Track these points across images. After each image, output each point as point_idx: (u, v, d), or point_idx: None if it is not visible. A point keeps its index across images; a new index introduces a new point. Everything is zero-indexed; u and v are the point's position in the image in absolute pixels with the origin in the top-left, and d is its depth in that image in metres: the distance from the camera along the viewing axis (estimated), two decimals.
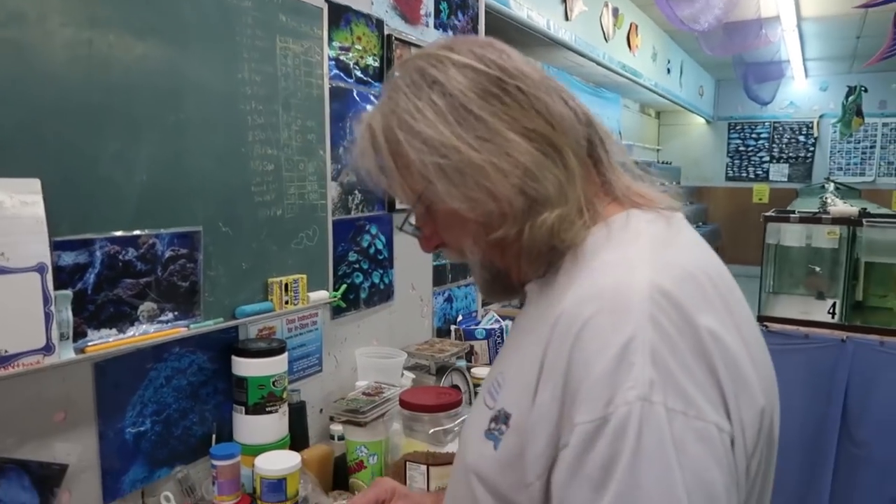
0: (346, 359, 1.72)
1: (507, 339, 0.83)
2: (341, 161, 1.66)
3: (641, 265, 0.61)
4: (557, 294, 0.66)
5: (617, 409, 0.54)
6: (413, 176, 0.70)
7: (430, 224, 0.76)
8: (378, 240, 1.81)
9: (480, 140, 0.66)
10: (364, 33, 1.72)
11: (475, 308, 2.34)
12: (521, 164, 0.66)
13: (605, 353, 0.56)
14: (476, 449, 0.68)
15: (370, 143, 0.72)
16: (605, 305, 0.58)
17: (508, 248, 0.71)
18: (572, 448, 0.56)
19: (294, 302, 1.49)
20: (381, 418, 1.43)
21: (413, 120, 0.68)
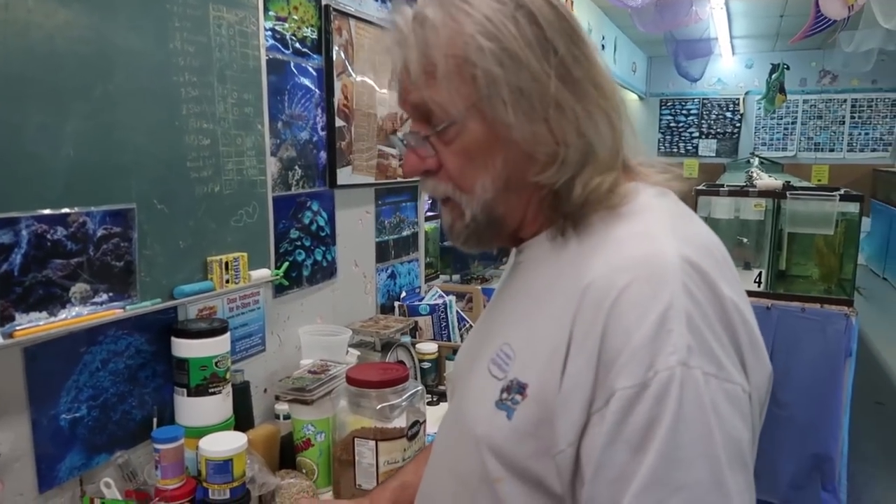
0: (290, 337, 1.69)
1: (503, 306, 0.78)
2: (280, 135, 1.61)
3: (666, 237, 0.63)
4: (577, 262, 0.65)
5: (658, 374, 0.56)
6: (469, 87, 0.66)
7: (440, 144, 0.70)
8: (320, 216, 1.78)
9: (560, 79, 0.65)
10: (301, 3, 1.67)
11: (419, 284, 2.34)
12: (591, 116, 0.66)
13: (644, 321, 0.57)
14: (486, 419, 0.67)
15: (422, 36, 0.67)
16: (640, 275, 0.59)
17: (530, 196, 0.71)
18: (612, 412, 0.57)
19: (235, 281, 1.45)
20: (328, 396, 1.42)
21: (499, 32, 0.65)
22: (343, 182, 1.84)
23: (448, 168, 0.71)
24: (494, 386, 0.67)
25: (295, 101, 1.67)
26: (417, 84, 0.68)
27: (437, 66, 0.66)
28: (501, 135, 0.67)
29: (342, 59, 1.82)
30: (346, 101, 1.84)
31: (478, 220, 0.71)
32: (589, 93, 0.67)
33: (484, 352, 0.73)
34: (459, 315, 2.11)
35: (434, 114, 0.68)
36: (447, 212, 0.75)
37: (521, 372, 0.66)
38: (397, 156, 2.11)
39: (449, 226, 0.75)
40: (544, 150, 0.67)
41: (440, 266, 4.28)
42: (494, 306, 0.82)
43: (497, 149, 0.68)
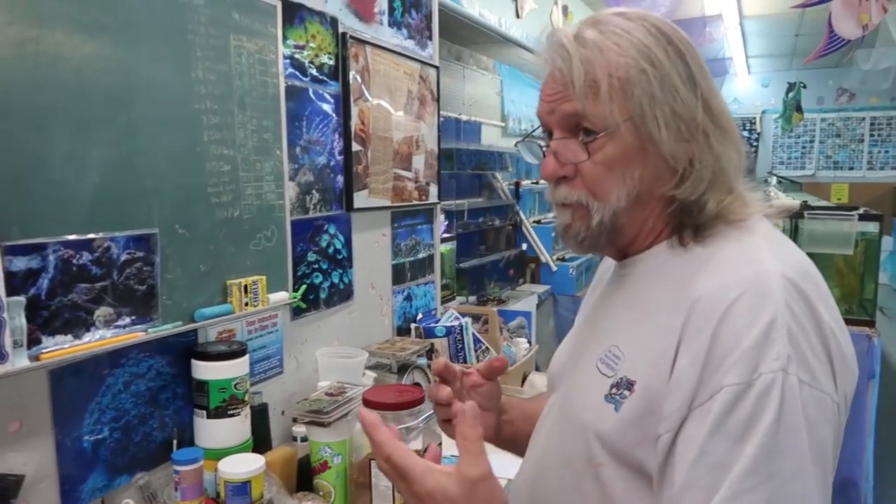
0: (308, 359, 1.71)
1: (610, 313, 0.85)
2: (298, 160, 1.65)
3: (770, 259, 0.71)
4: (685, 277, 0.74)
5: (762, 376, 0.63)
6: (628, 103, 0.74)
7: (582, 155, 0.77)
8: (337, 239, 1.80)
9: (703, 108, 0.76)
10: (318, 31, 1.71)
11: (435, 306, 2.35)
12: (723, 142, 0.77)
13: (752, 329, 0.65)
14: (595, 410, 0.75)
15: (585, 55, 0.75)
16: (749, 290, 0.67)
17: (653, 210, 0.79)
18: (719, 404, 0.64)
19: (254, 303, 1.48)
20: (345, 418, 1.43)
21: (657, 60, 0.75)
22: (359, 205, 1.87)
23: (587, 175, 0.78)
24: (604, 382, 0.76)
25: (313, 127, 1.70)
26: (579, 96, 0.75)
27: (600, 83, 0.74)
28: (645, 150, 0.76)
29: (359, 84, 1.85)
30: (363, 126, 1.88)
31: (602, 226, 0.79)
32: (721, 122, 0.77)
33: (591, 352, 0.81)
34: (475, 337, 2.12)
35: (588, 124, 0.76)
36: (569, 214, 0.81)
37: (629, 371, 0.74)
38: (412, 178, 2.14)
39: (566, 226, 0.82)
40: (681, 167, 0.76)
41: (456, 288, 4.30)
42: (598, 313, 0.90)
43: (637, 163, 0.76)
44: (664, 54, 0.75)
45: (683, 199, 0.77)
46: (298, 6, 1.63)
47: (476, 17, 3.85)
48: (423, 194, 2.22)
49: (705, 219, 0.77)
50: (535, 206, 5.65)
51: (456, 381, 0.94)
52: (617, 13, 0.80)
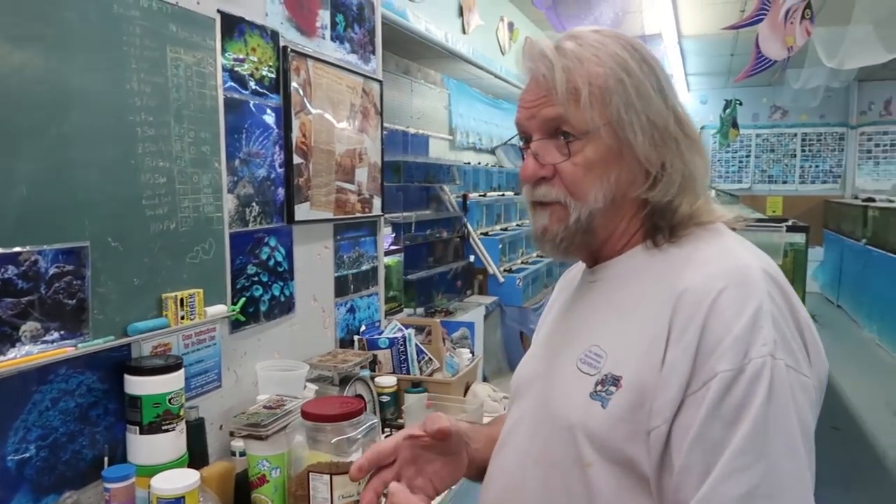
0: (247, 373, 1.69)
1: (584, 317, 0.87)
2: (238, 172, 1.64)
3: (746, 254, 0.77)
4: (668, 274, 0.78)
5: (752, 361, 0.67)
6: (606, 109, 0.80)
7: (561, 156, 0.81)
8: (277, 252, 1.80)
9: (675, 119, 0.82)
10: (259, 44, 1.71)
11: (378, 318, 2.36)
12: (691, 149, 0.83)
13: (741, 317, 0.69)
14: (581, 409, 0.77)
15: (566, 64, 0.80)
16: (733, 281, 0.72)
17: (627, 212, 0.84)
18: (713, 391, 0.67)
19: (190, 317, 1.46)
20: (283, 431, 1.43)
21: (633, 71, 0.81)
22: (301, 218, 1.87)
23: (565, 176, 0.82)
24: (587, 381, 0.78)
25: (253, 140, 1.70)
26: (561, 101, 0.80)
27: (580, 90, 0.79)
28: (621, 154, 0.81)
29: (300, 97, 1.86)
30: (304, 139, 1.88)
31: (579, 225, 0.82)
32: (688, 131, 0.84)
33: (566, 355, 0.84)
34: (418, 348, 2.13)
35: (568, 127, 0.81)
36: (546, 216, 0.84)
37: (613, 367, 0.76)
38: (355, 190, 2.15)
39: (543, 229, 0.85)
40: (654, 171, 0.81)
41: (404, 300, 4.31)
42: (569, 319, 0.92)
43: (614, 165, 0.81)
44: (637, 66, 0.81)
45: (657, 202, 0.82)
46: (238, 19, 1.63)
47: (422, 31, 3.89)
48: (367, 207, 2.23)
49: (679, 220, 0.81)
50: (482, 219, 5.71)
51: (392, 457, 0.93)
52: (592, 30, 0.85)
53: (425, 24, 3.92)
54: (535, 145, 0.83)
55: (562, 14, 3.86)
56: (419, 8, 3.80)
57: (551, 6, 3.76)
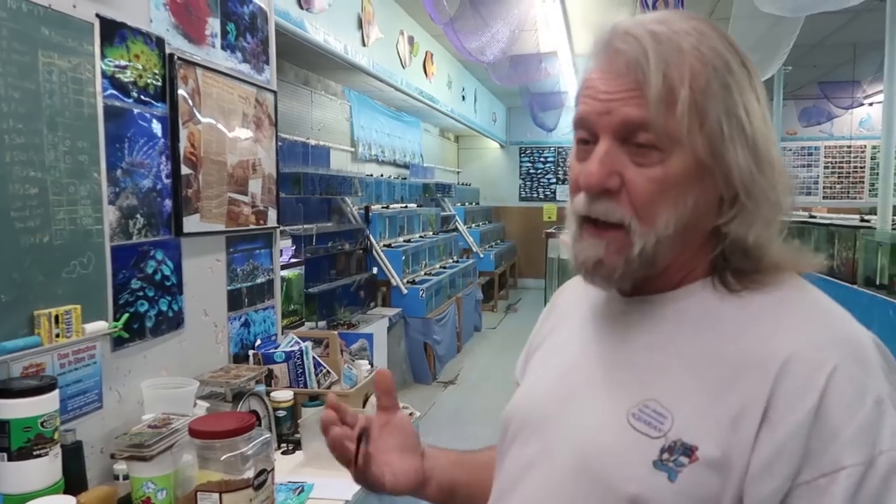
0: (131, 392, 1.62)
1: (628, 357, 0.72)
2: (120, 183, 1.57)
3: (849, 318, 0.66)
4: (754, 329, 0.65)
5: (885, 453, 0.58)
6: (702, 118, 0.65)
7: (637, 165, 0.66)
8: (165, 265, 1.74)
9: (773, 140, 0.68)
10: (142, 51, 1.65)
11: (275, 332, 2.31)
12: (783, 179, 0.69)
13: (863, 403, 0.60)
14: (642, 479, 0.63)
15: (664, 56, 0.64)
16: (849, 356, 0.62)
17: (695, 243, 0.70)
18: (842, 487, 0.58)
19: (66, 335, 1.38)
20: (170, 450, 1.38)
21: (739, 77, 0.66)
22: (190, 230, 1.81)
23: (636, 192, 0.66)
24: (648, 444, 0.64)
25: (136, 149, 1.63)
26: (652, 103, 0.64)
27: (677, 91, 0.64)
28: (708, 173, 0.66)
29: (189, 106, 1.81)
30: (193, 149, 1.83)
31: (643, 258, 0.67)
32: (780, 159, 0.69)
33: (608, 402, 0.69)
34: (316, 361, 2.11)
35: (651, 137, 0.65)
36: (602, 245, 0.68)
37: (683, 433, 0.63)
38: (249, 202, 2.11)
39: (597, 262, 0.69)
40: (741, 199, 0.67)
41: (305, 313, 4.24)
42: (602, 355, 0.75)
43: (695, 187, 0.66)
44: (741, 71, 0.67)
45: (736, 237, 0.68)
46: (119, 25, 1.57)
47: (321, 42, 3.87)
48: (262, 218, 2.19)
49: (765, 265, 0.68)
50: (385, 231, 5.73)
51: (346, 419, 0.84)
52: (681, 15, 0.69)
53: (324, 35, 3.91)
54: (605, 147, 0.67)
55: (459, 30, 3.95)
56: (318, 19, 3.79)
57: (448, 22, 3.84)
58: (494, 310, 8.63)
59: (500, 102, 10.27)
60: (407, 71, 5.56)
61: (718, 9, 5.97)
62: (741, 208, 0.67)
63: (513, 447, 0.77)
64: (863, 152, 10.95)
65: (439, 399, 5.15)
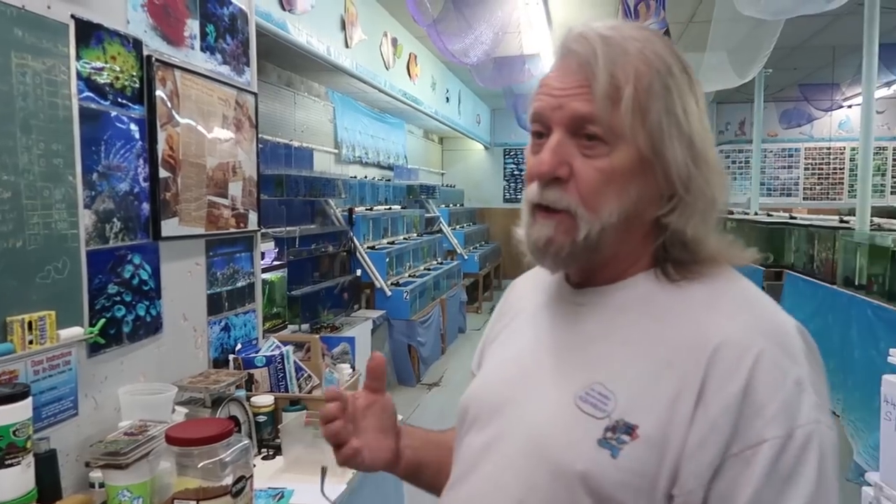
0: (108, 399, 1.60)
1: (578, 344, 0.77)
2: (96, 187, 1.55)
3: (774, 306, 0.73)
4: (691, 317, 0.71)
5: (801, 427, 0.65)
6: (645, 115, 0.70)
7: (585, 157, 0.72)
8: (143, 270, 1.71)
9: (710, 140, 0.74)
10: (119, 53, 1.63)
11: (256, 336, 2.29)
12: (719, 177, 0.74)
13: (785, 382, 0.66)
14: (587, 456, 0.68)
15: (611, 56, 0.70)
16: (774, 341, 0.68)
17: (639, 234, 0.75)
18: (764, 457, 0.64)
19: (40, 341, 1.36)
20: (146, 458, 1.36)
21: (679, 81, 0.72)
22: (169, 234, 1.79)
23: (583, 181, 0.72)
24: (593, 424, 0.69)
25: (113, 152, 1.61)
26: (599, 98, 0.70)
27: (622, 89, 0.70)
28: (650, 168, 0.72)
29: (167, 109, 1.79)
30: (172, 152, 1.81)
31: (588, 241, 0.73)
32: (716, 157, 0.75)
33: (558, 387, 0.74)
34: (297, 365, 2.09)
35: (597, 129, 0.70)
36: (552, 226, 0.74)
37: (625, 413, 0.68)
38: (229, 205, 2.09)
39: (547, 240, 0.74)
40: (680, 193, 0.73)
41: (289, 316, 4.21)
42: (553, 343, 0.80)
43: (638, 180, 0.72)
44: (682, 75, 0.73)
45: (676, 229, 0.73)
46: (96, 26, 1.55)
47: (304, 44, 3.85)
48: (242, 222, 2.17)
49: (702, 256, 0.74)
50: (369, 233, 5.71)
51: (347, 408, 0.87)
52: (634, 24, 0.77)
53: (307, 36, 3.89)
54: (557, 137, 0.72)
55: (442, 32, 3.95)
56: (300, 20, 3.77)
57: (432, 24, 3.83)
58: (479, 311, 8.64)
59: (484, 104, 10.28)
60: (390, 72, 5.55)
61: (700, 11, 6.02)
62: (680, 201, 0.73)
63: (470, 433, 0.82)
64: (842, 154, 11.09)
65: (423, 401, 5.14)
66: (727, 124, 11.25)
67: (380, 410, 0.90)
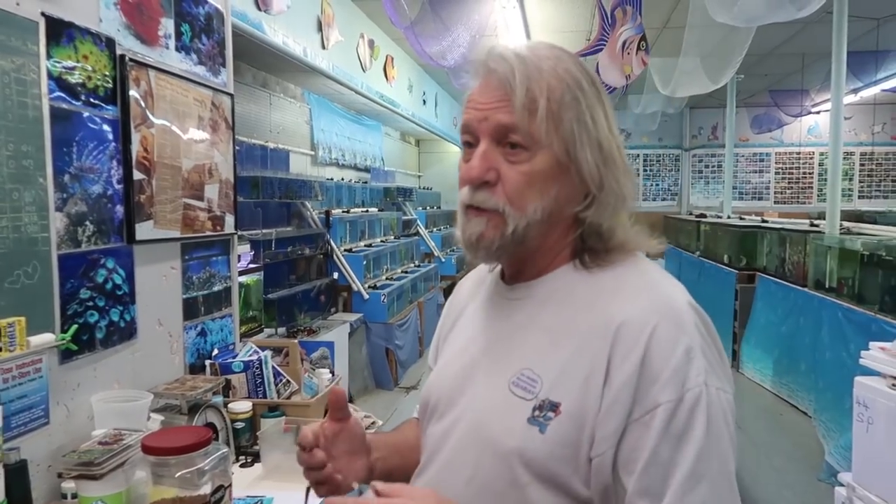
0: (81, 407, 1.55)
1: (509, 336, 0.86)
2: (68, 189, 1.51)
3: (672, 287, 0.82)
4: (599, 304, 0.80)
5: (690, 390, 0.73)
6: (559, 124, 0.80)
7: (509, 162, 0.81)
8: (116, 274, 1.67)
9: (616, 144, 0.84)
10: (91, 52, 1.59)
11: (233, 340, 2.25)
12: (626, 175, 0.85)
13: (676, 351, 0.74)
14: (519, 434, 0.77)
15: (526, 73, 0.80)
16: (666, 316, 0.77)
17: (561, 229, 0.85)
18: (659, 420, 0.72)
19: (10, 348, 1.32)
20: (121, 468, 1.32)
21: (588, 93, 0.83)
22: (143, 237, 1.75)
23: (508, 184, 0.81)
24: (523, 405, 0.79)
25: (85, 154, 1.57)
26: (517, 109, 0.79)
27: (538, 101, 0.79)
28: (566, 170, 0.82)
29: (141, 109, 1.75)
30: (146, 153, 1.77)
31: (515, 236, 0.82)
32: (624, 159, 0.85)
33: (494, 375, 0.84)
34: (275, 370, 2.06)
35: (519, 137, 0.80)
36: (483, 222, 0.83)
37: (550, 393, 0.78)
38: (205, 208, 2.05)
39: (479, 235, 0.83)
40: (594, 191, 0.83)
41: (265, 319, 4.16)
42: (490, 336, 0.90)
43: (557, 181, 0.82)
44: (589, 87, 0.83)
45: (591, 223, 0.83)
46: (67, 24, 1.51)
47: (280, 45, 3.81)
48: (218, 224, 2.13)
49: (613, 245, 0.84)
50: (346, 235, 5.66)
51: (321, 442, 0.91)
52: (548, 44, 0.87)
53: (283, 37, 3.85)
54: (485, 147, 0.82)
55: (420, 34, 3.94)
56: (276, 21, 3.73)
57: (409, 26, 3.82)
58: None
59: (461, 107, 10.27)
60: (367, 74, 5.52)
61: (674, 18, 6.10)
62: (594, 199, 0.83)
63: (431, 422, 0.92)
64: (811, 158, 11.32)
65: (401, 405, 5.11)
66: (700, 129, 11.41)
67: (348, 436, 0.94)
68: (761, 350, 5.42)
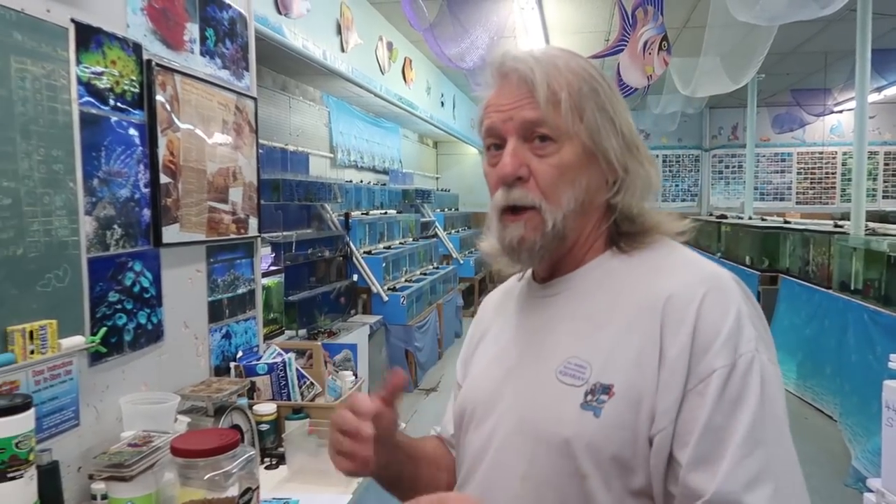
0: (110, 408, 1.57)
1: (549, 330, 0.86)
2: (97, 193, 1.53)
3: (709, 263, 0.83)
4: (643, 282, 0.81)
5: (742, 356, 0.73)
6: (582, 116, 0.83)
7: (539, 157, 0.83)
8: (143, 277, 1.69)
9: (634, 129, 0.87)
10: (119, 57, 1.61)
11: (257, 343, 2.27)
12: (650, 161, 0.88)
13: (727, 318, 0.75)
14: (574, 421, 0.77)
15: (546, 70, 0.82)
16: (713, 286, 0.78)
17: (595, 218, 0.87)
18: (713, 386, 0.72)
19: (41, 351, 1.33)
20: (151, 469, 1.33)
21: (605, 85, 0.86)
22: (170, 240, 1.77)
23: (541, 177, 0.83)
24: (574, 392, 0.78)
25: (114, 158, 1.59)
26: (542, 104, 0.81)
27: (559, 94, 0.82)
28: (592, 159, 0.84)
29: (167, 114, 1.77)
30: (173, 157, 1.79)
31: (555, 231, 0.83)
32: (642, 143, 0.89)
33: (538, 370, 0.84)
34: (299, 372, 2.07)
35: (546, 130, 0.82)
36: (521, 226, 0.84)
37: (601, 376, 0.78)
38: (229, 211, 2.07)
39: (519, 239, 0.84)
40: (619, 176, 0.85)
41: (285, 322, 4.18)
42: (527, 335, 0.90)
43: (585, 170, 0.84)
44: (604, 82, 0.87)
45: (623, 208, 0.86)
46: (95, 30, 1.53)
47: (299, 48, 3.83)
48: (242, 227, 2.15)
49: (647, 227, 0.86)
50: (365, 237, 5.68)
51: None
52: (554, 47, 0.90)
53: (303, 41, 3.87)
54: (513, 144, 0.84)
55: (439, 36, 3.94)
56: (296, 24, 3.75)
57: (428, 28, 3.82)
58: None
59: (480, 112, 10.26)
60: (386, 77, 5.53)
61: (694, 17, 6.04)
62: (622, 182, 0.85)
63: (469, 432, 0.91)
64: (834, 158, 11.16)
65: (421, 407, 5.12)
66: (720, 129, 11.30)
67: (385, 423, 0.90)
68: (785, 353, 5.35)
